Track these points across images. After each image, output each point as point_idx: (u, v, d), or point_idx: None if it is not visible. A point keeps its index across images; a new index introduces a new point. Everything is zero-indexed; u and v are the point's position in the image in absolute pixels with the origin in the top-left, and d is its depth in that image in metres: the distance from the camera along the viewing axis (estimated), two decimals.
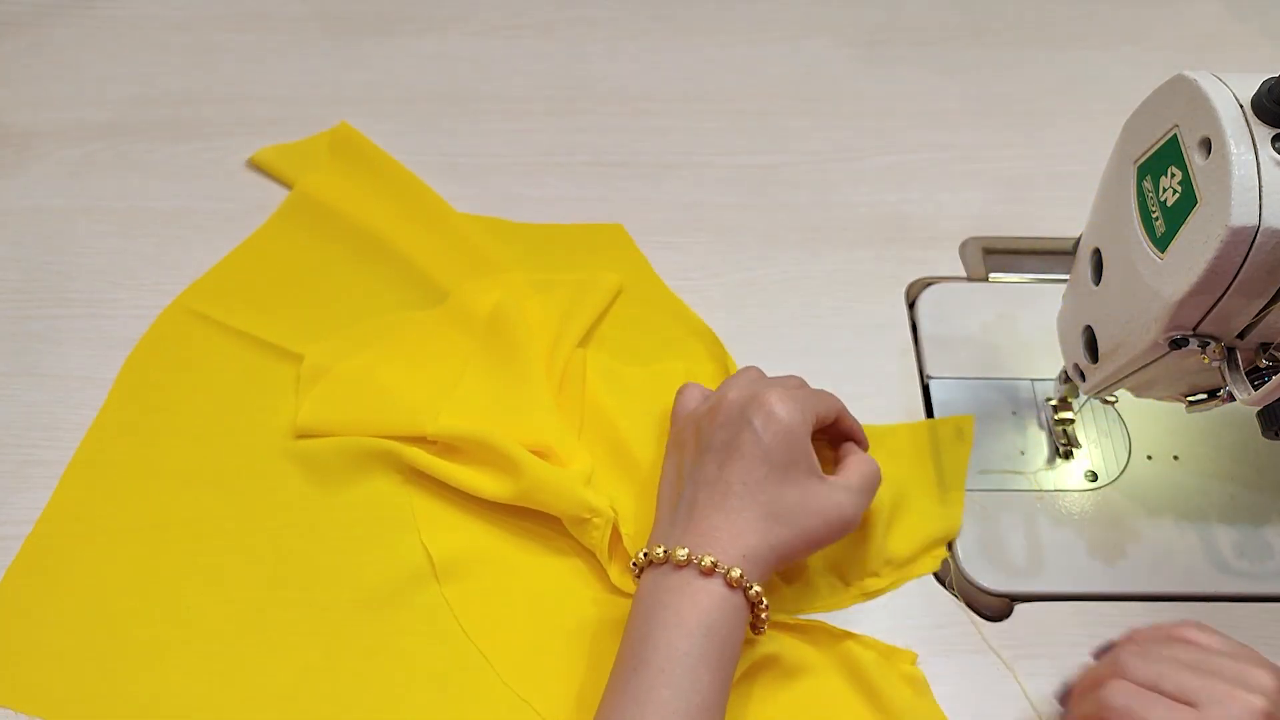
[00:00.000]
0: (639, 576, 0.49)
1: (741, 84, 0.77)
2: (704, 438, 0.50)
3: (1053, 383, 0.59)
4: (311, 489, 0.56)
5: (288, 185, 0.69)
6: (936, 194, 0.71)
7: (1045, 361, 0.61)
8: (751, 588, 0.46)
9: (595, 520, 0.53)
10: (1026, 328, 0.63)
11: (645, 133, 0.74)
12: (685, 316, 0.64)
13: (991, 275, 0.66)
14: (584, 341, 0.62)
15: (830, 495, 0.49)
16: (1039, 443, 0.59)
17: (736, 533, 0.47)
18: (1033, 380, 0.61)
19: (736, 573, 0.46)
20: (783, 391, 0.50)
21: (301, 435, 0.57)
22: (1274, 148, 0.38)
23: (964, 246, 0.68)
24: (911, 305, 0.65)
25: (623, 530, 0.54)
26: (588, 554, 0.54)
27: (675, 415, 0.56)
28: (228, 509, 0.56)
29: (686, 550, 0.46)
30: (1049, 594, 0.54)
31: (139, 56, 0.77)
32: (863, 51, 0.80)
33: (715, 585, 0.46)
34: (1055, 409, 0.59)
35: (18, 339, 0.62)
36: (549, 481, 0.53)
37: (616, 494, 0.55)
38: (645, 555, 0.48)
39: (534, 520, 0.55)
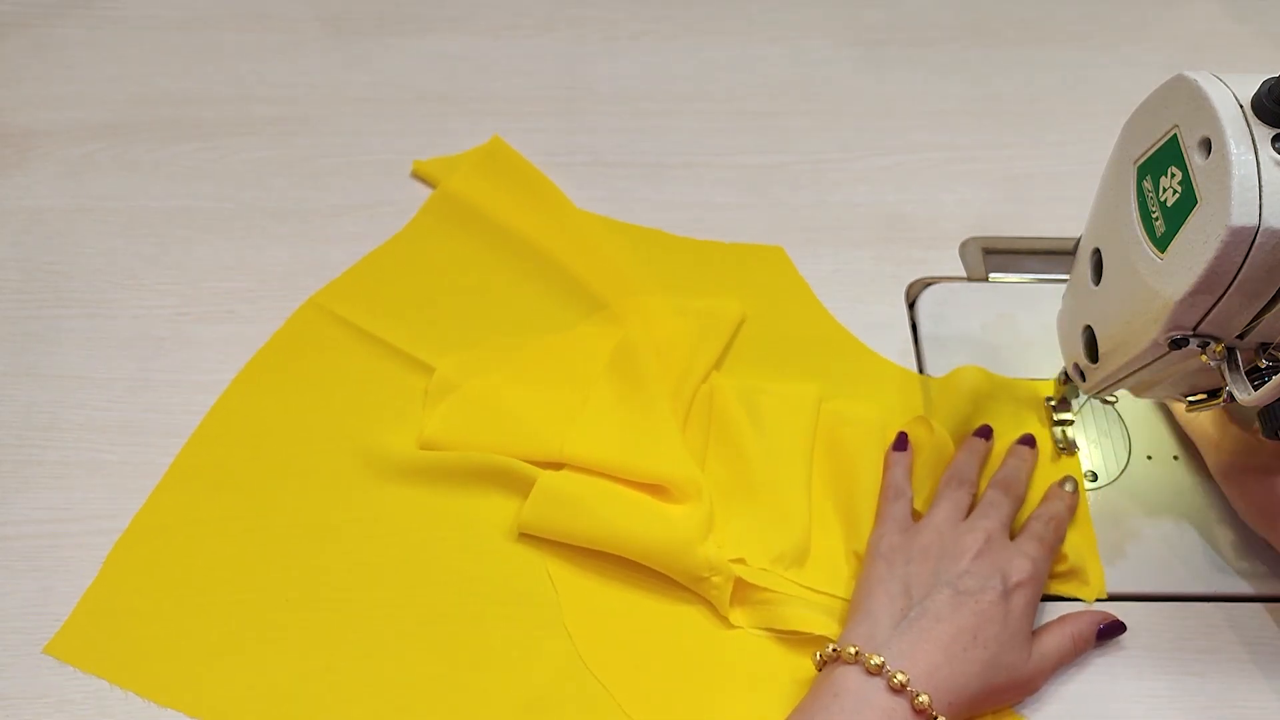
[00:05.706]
0: (821, 668, 0.48)
1: (741, 84, 0.77)
2: (945, 570, 0.50)
3: (1053, 383, 0.60)
4: (431, 499, 0.56)
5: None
6: (936, 194, 0.71)
7: (1045, 361, 0.61)
8: (938, 718, 0.45)
9: (714, 579, 0.52)
10: (1026, 328, 0.63)
11: (645, 133, 0.74)
12: (846, 343, 0.63)
13: (991, 275, 0.66)
14: (717, 366, 0.61)
15: (1030, 668, 0.49)
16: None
17: (941, 670, 0.46)
18: (1033, 380, 0.61)
19: (925, 699, 0.44)
20: (1036, 564, 0.50)
21: (426, 448, 0.57)
22: (1274, 148, 0.38)
23: (964, 246, 0.68)
24: (911, 305, 0.65)
25: (754, 564, 0.53)
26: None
27: (882, 521, 0.54)
28: (340, 509, 0.56)
29: (882, 660, 0.45)
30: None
31: (139, 56, 0.77)
32: (863, 51, 0.80)
33: (900, 705, 0.44)
34: (1054, 409, 0.59)
35: (17, 339, 0.62)
36: (666, 544, 0.52)
37: (744, 523, 0.55)
38: (834, 651, 0.47)
39: None
